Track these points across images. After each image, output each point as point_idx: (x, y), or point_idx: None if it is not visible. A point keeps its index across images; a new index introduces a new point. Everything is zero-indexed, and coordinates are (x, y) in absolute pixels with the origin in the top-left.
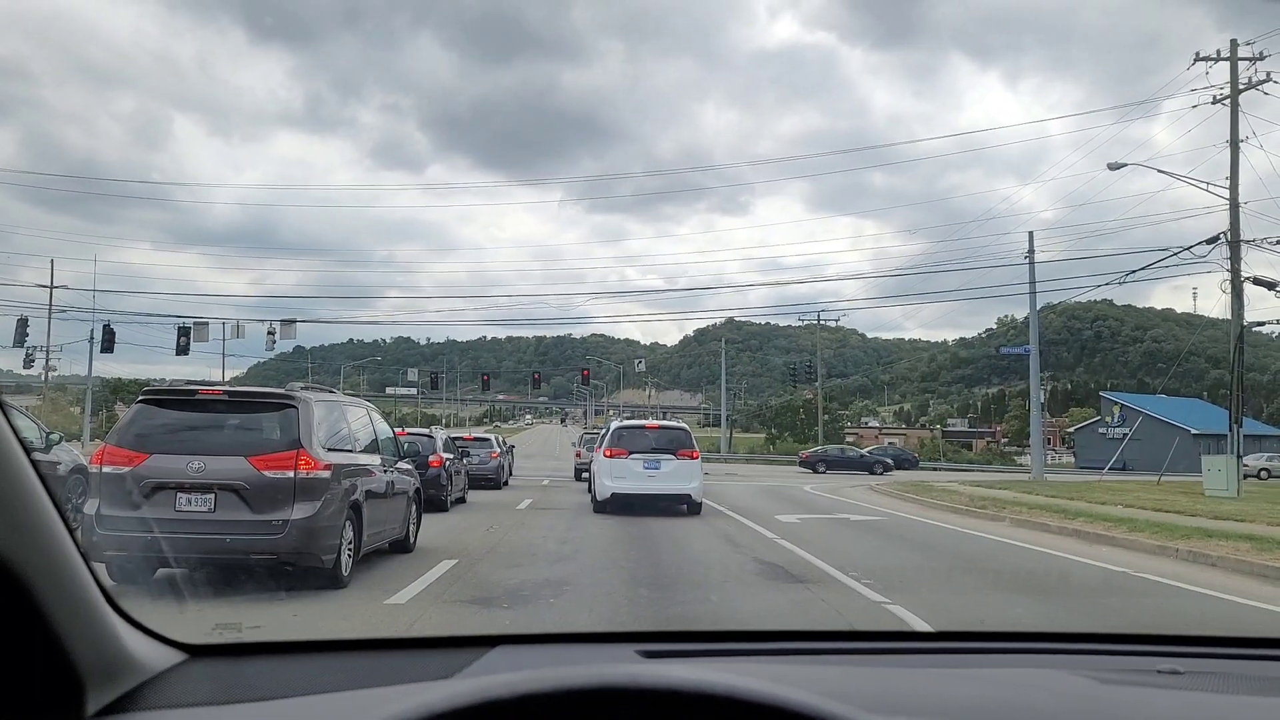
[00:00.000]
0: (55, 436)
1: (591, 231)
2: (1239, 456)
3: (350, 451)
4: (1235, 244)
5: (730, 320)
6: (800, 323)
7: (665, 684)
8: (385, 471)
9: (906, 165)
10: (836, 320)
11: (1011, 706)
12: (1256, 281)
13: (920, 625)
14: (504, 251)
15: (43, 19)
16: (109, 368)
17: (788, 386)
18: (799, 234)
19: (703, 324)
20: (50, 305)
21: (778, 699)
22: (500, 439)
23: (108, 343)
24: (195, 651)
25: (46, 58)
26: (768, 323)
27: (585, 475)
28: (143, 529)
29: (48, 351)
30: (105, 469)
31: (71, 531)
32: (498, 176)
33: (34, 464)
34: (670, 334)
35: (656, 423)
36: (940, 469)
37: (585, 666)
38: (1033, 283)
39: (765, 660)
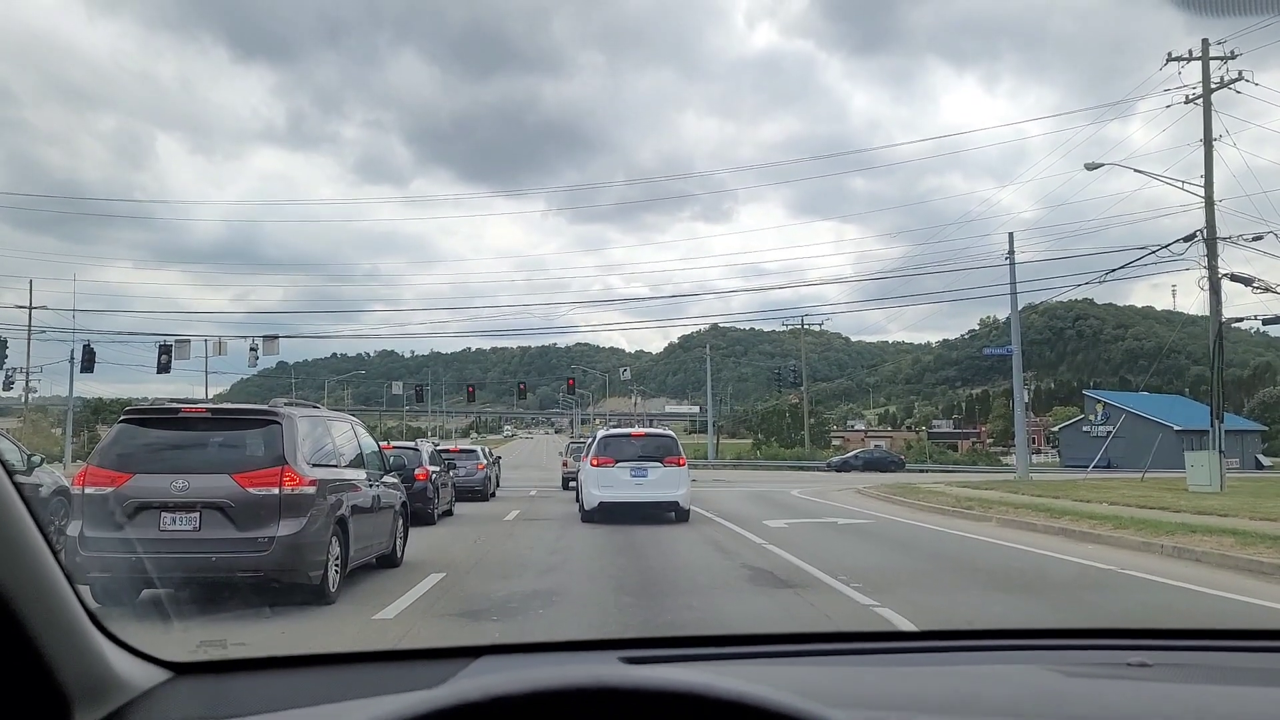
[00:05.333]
0: (36, 458)
1: (575, 241)
2: (1221, 452)
3: (335, 467)
4: (1212, 241)
5: (714, 327)
6: (784, 327)
7: (634, 684)
8: (371, 486)
9: (887, 169)
10: (820, 324)
11: (980, 700)
12: (1234, 278)
13: (908, 626)
14: (488, 263)
15: (22, 39)
16: (90, 388)
17: (773, 391)
18: (781, 239)
19: (687, 331)
20: (30, 326)
21: (746, 696)
22: (486, 450)
23: (88, 362)
24: (180, 669)
25: (27, 78)
26: (752, 328)
27: (572, 484)
28: (127, 549)
29: (27, 373)
30: (88, 490)
31: (55, 553)
32: (481, 189)
33: (16, 486)
34: (655, 341)
35: (642, 430)
36: (926, 470)
37: (557, 668)
38: (1013, 283)
39: (749, 663)
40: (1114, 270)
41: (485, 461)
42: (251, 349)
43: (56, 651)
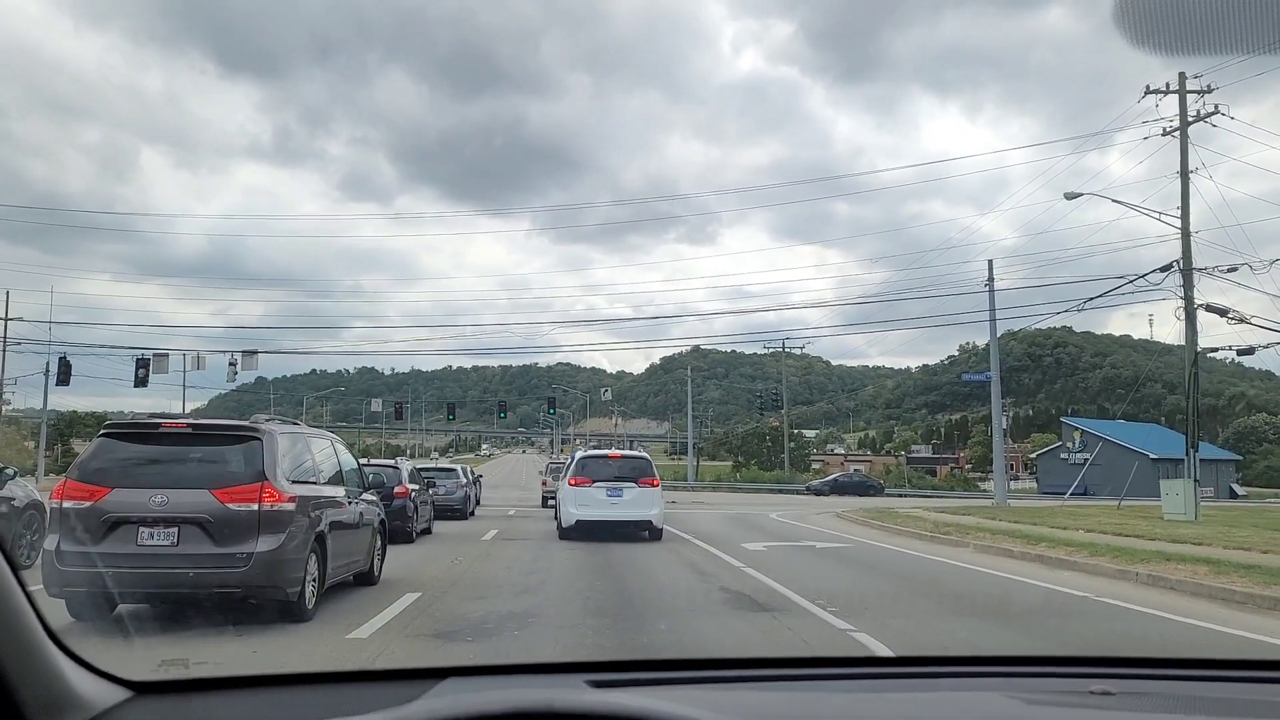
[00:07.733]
0: (9, 471)
1: (559, 261)
2: (1196, 481)
3: (314, 483)
4: (1188, 272)
5: (696, 348)
6: (765, 350)
7: (586, 708)
8: (350, 503)
9: (869, 195)
10: (801, 348)
11: None
12: (1209, 308)
13: (884, 652)
14: (470, 281)
15: (8, 51)
16: (65, 401)
17: (754, 414)
18: (764, 263)
19: (669, 352)
20: (5, 338)
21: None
22: (467, 469)
23: (64, 375)
24: (141, 689)
25: (11, 90)
26: (734, 350)
27: (552, 502)
28: (104, 564)
29: (1, 385)
30: (66, 504)
31: (16, 568)
32: (465, 208)
33: None
34: (637, 362)
35: (619, 452)
36: (905, 495)
37: (506, 691)
38: (992, 310)
39: (719, 687)
40: (1092, 299)
41: (465, 480)
42: (230, 364)
43: (12, 669)
